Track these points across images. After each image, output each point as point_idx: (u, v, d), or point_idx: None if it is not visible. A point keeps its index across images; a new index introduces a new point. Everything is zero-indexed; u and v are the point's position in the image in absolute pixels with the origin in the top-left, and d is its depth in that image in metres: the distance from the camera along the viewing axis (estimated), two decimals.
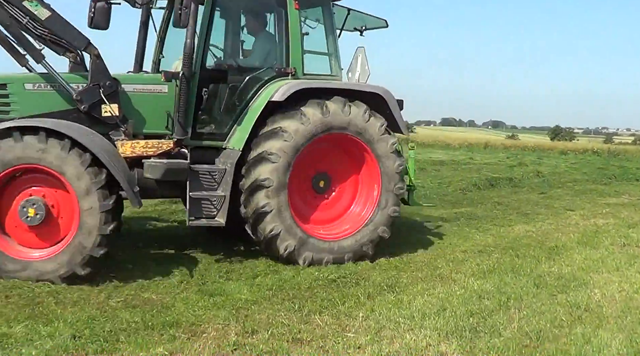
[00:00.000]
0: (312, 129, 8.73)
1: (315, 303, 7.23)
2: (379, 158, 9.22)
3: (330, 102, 8.85)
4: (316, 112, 8.75)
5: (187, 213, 8.59)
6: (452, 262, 9.53)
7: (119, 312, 6.62)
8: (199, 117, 8.93)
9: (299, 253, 8.84)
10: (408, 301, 7.42)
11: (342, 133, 8.98)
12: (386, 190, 9.33)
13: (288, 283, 8.05)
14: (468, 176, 22.44)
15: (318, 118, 8.75)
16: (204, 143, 8.98)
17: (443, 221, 13.34)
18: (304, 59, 9.31)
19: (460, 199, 17.03)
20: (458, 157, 35.42)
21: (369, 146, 9.15)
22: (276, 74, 9.17)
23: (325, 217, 9.53)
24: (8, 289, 7.17)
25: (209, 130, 9.06)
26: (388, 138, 9.25)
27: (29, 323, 6.14)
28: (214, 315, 6.69)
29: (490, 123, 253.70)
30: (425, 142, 56.07)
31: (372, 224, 9.33)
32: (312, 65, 9.60)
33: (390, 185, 9.33)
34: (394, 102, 9.51)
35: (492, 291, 7.92)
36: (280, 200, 8.66)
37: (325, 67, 9.93)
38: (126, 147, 8.36)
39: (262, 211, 8.61)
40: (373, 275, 8.61)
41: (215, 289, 7.64)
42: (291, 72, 9.15)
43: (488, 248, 10.59)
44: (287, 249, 8.75)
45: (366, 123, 9.02)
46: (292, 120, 8.68)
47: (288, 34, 9.17)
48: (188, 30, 8.26)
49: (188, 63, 8.38)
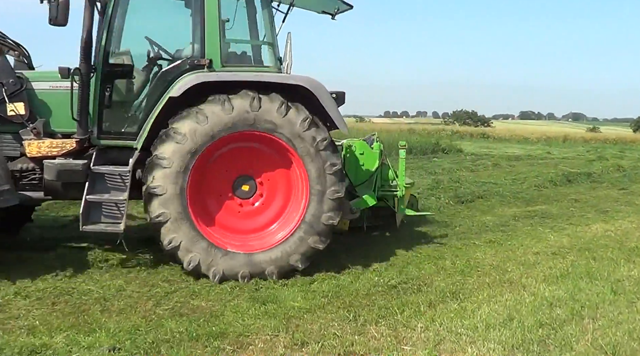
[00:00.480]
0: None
1: (372, 312, 6.80)
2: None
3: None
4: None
5: (80, 217, 7.78)
6: (522, 265, 8.95)
7: (165, 321, 6.36)
8: (105, 115, 8.33)
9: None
10: (472, 310, 6.91)
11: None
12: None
13: (345, 289, 7.65)
14: (544, 171, 21.59)
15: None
16: (113, 143, 8.34)
17: (515, 220, 12.70)
18: (223, 48, 8.28)
19: (535, 196, 16.27)
20: (535, 151, 34.41)
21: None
22: (190, 66, 8.26)
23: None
24: (56, 296, 7.07)
25: (117, 129, 8.42)
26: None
27: (70, 333, 5.95)
28: (264, 324, 6.35)
29: (571, 116, 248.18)
30: (502, 136, 55.04)
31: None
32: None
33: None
34: (325, 94, 8.23)
35: (565, 298, 7.33)
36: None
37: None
38: (32, 147, 8.01)
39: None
40: (436, 280, 8.12)
41: (268, 296, 7.31)
42: (205, 64, 8.15)
43: (562, 249, 9.95)
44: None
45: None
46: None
47: (204, 21, 8.20)
48: (84, 24, 7.87)
49: (84, 58, 7.93)
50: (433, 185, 16.63)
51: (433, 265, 8.82)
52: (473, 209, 13.91)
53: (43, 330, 6.03)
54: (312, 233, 8.13)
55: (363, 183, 9.70)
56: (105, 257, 8.64)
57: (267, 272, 7.97)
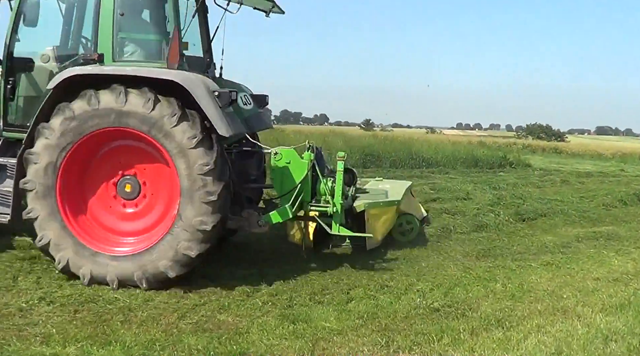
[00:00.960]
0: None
1: (407, 338, 6.31)
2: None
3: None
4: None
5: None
6: (580, 291, 8.28)
7: (185, 337, 6.05)
8: (10, 109, 8.41)
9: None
10: (517, 340, 6.34)
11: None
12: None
13: (384, 310, 7.18)
14: (615, 190, 20.47)
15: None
16: (17, 135, 8.26)
17: (578, 241, 11.92)
18: (116, 43, 7.95)
19: (602, 216, 15.36)
20: (608, 168, 32.98)
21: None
22: (83, 61, 7.98)
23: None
24: (80, 303, 6.90)
25: (21, 122, 8.37)
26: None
27: (85, 344, 5.75)
28: (289, 345, 5.96)
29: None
30: (575, 151, 53.28)
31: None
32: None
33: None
34: (202, 92, 7.55)
35: (622, 331, 6.66)
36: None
37: None
38: None
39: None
40: (484, 304, 7.56)
41: (299, 314, 6.91)
42: (95, 58, 7.87)
43: (626, 276, 9.20)
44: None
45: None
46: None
47: (99, 15, 7.95)
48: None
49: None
50: (494, 201, 15.92)
51: (482, 288, 8.25)
52: (534, 228, 13.20)
53: (58, 339, 5.85)
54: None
55: (285, 196, 8.83)
56: None
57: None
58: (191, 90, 7.52)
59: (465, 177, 22.84)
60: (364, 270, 8.82)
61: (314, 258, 9.35)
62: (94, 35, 8.00)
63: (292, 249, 9.83)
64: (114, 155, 7.95)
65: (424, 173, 23.44)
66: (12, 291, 7.21)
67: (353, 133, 45.96)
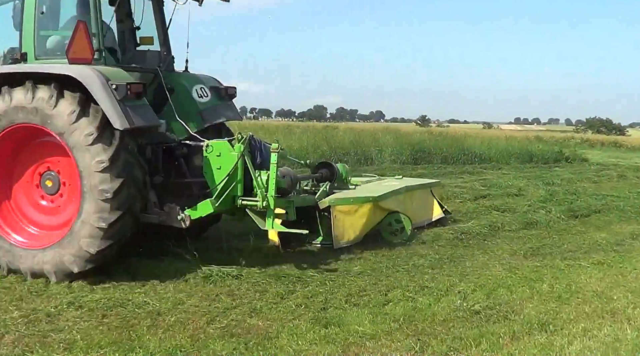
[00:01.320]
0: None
1: (443, 343, 6.00)
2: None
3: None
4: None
5: None
6: (631, 292, 7.83)
7: (211, 342, 5.86)
8: None
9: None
10: (561, 345, 5.98)
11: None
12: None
13: (421, 313, 6.87)
14: None
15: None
16: None
17: (633, 238, 11.41)
18: (37, 41, 8.18)
19: None
20: None
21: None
22: (11, 60, 8.29)
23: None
24: (108, 308, 6.76)
25: None
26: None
27: (108, 351, 5.61)
28: (318, 351, 5.73)
29: None
30: (635, 145, 51.76)
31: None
32: None
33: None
34: (98, 86, 7.48)
35: None
36: None
37: None
38: None
39: None
40: (528, 307, 7.19)
41: (333, 317, 6.66)
42: (18, 57, 8.20)
43: None
44: None
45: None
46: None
47: (22, 14, 8.17)
48: None
49: None
50: (546, 197, 15.45)
51: (527, 289, 7.87)
52: (587, 225, 12.71)
53: (81, 345, 5.71)
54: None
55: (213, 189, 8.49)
56: (176, 268, 8.22)
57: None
58: (87, 84, 7.53)
59: (519, 172, 22.32)
60: (404, 270, 8.55)
61: (353, 258, 9.12)
62: (19, 34, 8.26)
63: (329, 249, 9.61)
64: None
65: (476, 169, 22.99)
66: (42, 296, 7.16)
67: (407, 129, 45.54)
